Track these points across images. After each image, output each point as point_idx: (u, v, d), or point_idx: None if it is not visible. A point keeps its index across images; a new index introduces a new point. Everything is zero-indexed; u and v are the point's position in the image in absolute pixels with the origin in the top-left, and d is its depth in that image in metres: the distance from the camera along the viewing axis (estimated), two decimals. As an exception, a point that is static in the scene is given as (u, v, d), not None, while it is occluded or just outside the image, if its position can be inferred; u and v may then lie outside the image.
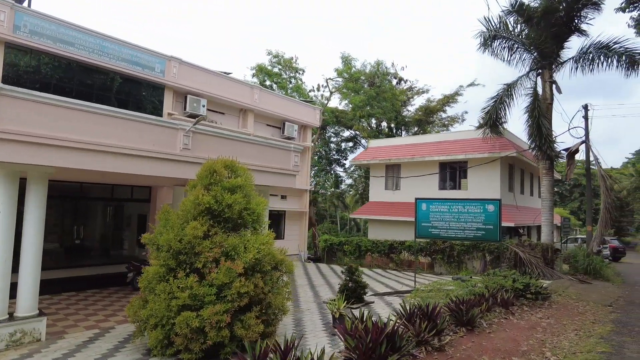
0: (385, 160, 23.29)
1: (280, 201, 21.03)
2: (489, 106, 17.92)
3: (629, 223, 55.63)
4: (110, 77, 14.34)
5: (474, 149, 20.05)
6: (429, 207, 12.56)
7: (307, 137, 22.28)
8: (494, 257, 17.32)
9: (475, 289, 8.18)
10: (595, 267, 15.82)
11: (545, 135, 15.77)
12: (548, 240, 16.45)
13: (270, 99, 20.06)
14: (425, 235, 12.69)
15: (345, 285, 11.50)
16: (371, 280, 15.93)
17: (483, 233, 11.83)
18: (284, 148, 12.09)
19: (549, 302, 9.73)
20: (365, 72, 29.15)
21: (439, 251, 18.95)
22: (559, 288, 12.54)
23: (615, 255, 30.10)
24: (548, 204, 16.57)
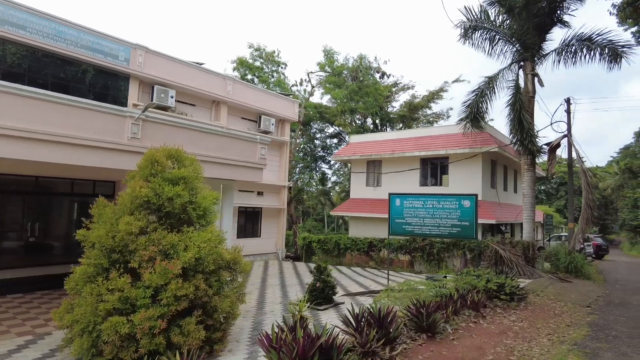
0: (366, 156, 22.67)
1: (257, 198, 20.30)
2: (470, 100, 17.37)
3: (613, 221, 55.86)
4: (69, 64, 13.48)
5: (455, 144, 19.51)
6: (402, 202, 11.94)
7: (285, 132, 21.57)
8: (475, 255, 16.80)
9: (443, 290, 7.56)
10: (577, 265, 15.36)
11: (527, 129, 15.25)
12: (529, 237, 15.96)
13: (245, 91, 19.31)
14: (399, 232, 12.08)
15: (313, 285, 10.86)
16: (347, 279, 15.33)
17: (459, 230, 11.24)
18: (249, 139, 11.36)
19: (525, 303, 9.17)
20: (348, 66, 28.48)
21: (418, 249, 18.39)
22: (538, 287, 12.02)
23: (599, 252, 29.88)
24: (530, 200, 16.07)
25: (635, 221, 38.24)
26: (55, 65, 13.22)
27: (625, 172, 42.76)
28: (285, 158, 21.48)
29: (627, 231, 43.96)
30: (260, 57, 32.56)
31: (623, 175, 43.85)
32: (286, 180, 21.44)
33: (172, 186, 6.77)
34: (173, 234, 6.53)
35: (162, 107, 16.03)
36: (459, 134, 19.41)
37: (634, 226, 39.63)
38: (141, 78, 15.51)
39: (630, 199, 40.71)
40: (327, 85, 29.34)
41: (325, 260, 21.03)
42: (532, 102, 16.43)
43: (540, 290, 11.43)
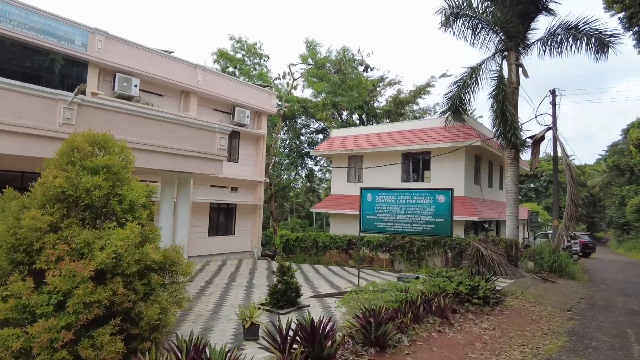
0: (347, 150, 21.84)
1: (231, 194, 19.38)
2: (452, 91, 16.60)
3: (601, 219, 55.74)
4: (18, 48, 12.46)
5: (437, 139, 18.74)
6: (374, 198, 11.12)
7: (262, 124, 20.65)
8: (456, 253, 16.04)
9: (403, 294, 6.73)
10: (561, 264, 14.67)
11: (510, 122, 14.51)
12: (512, 235, 15.24)
13: (217, 80, 18.37)
14: (370, 229, 11.26)
15: (275, 287, 10.02)
16: (320, 279, 14.50)
17: (433, 227, 10.45)
18: (206, 128, 10.45)
19: (502, 307, 8.40)
20: (331, 59, 27.59)
21: (398, 247, 17.60)
22: (518, 289, 11.28)
23: (586, 250, 29.37)
24: (513, 196, 15.34)
25: (622, 219, 37.90)
26: (3, 48, 12.19)
27: (612, 169, 42.43)
28: (262, 152, 20.57)
29: (614, 229, 43.71)
30: (242, 49, 31.56)
31: (610, 172, 43.54)
32: (263, 175, 20.53)
33: (91, 176, 5.86)
34: (88, 231, 5.62)
35: (126, 97, 15.06)
36: (441, 128, 18.65)
37: (621, 224, 39.32)
38: (101, 65, 14.52)
39: (617, 196, 40.42)
40: (310, 79, 28.42)
41: (303, 259, 20.23)
42: (516, 94, 15.70)
43: (521, 291, 10.68)
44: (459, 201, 18.23)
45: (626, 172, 40.48)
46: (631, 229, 37.58)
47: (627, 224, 37.83)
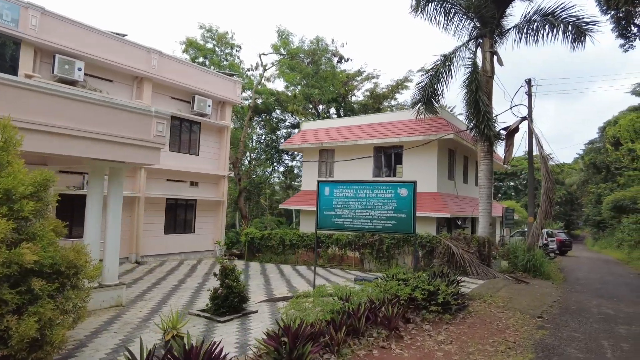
0: (317, 144, 20.75)
1: (190, 189, 18.10)
2: (424, 81, 15.66)
3: (578, 217, 56.00)
4: None
5: (409, 132, 17.80)
6: (332, 191, 10.05)
7: (225, 115, 19.39)
8: (427, 251, 15.12)
9: (338, 303, 5.67)
10: (536, 263, 13.88)
11: (484, 112, 13.63)
12: (486, 233, 14.40)
13: (174, 66, 17.05)
14: (328, 226, 10.19)
15: (215, 292, 8.90)
16: (281, 280, 13.41)
17: (394, 223, 9.44)
18: (140, 111, 9.20)
19: (466, 313, 7.44)
20: (304, 49, 26.42)
21: (367, 245, 16.61)
22: (488, 291, 10.37)
23: (562, 248, 28.97)
24: (486, 191, 14.49)
25: (599, 216, 37.79)
26: None
27: (589, 167, 42.42)
28: (226, 145, 19.32)
29: (590, 226, 43.73)
30: (212, 39, 30.17)
31: (588, 170, 43.53)
32: (226, 169, 19.29)
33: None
34: None
35: (68, 81, 13.69)
36: (414, 121, 17.74)
37: (597, 221, 39.24)
38: (38, 45, 13.10)
39: (594, 194, 40.36)
40: (283, 69, 27.20)
41: (270, 258, 19.09)
42: (491, 83, 14.84)
43: (490, 294, 9.77)
44: (430, 197, 17.35)
45: (602, 169, 40.45)
46: (606, 226, 37.51)
47: (602, 221, 37.75)
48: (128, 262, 15.66)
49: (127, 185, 15.66)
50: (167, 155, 17.08)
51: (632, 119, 37.77)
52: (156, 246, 16.80)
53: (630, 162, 36.14)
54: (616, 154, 38.18)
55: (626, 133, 37.71)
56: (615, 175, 38.35)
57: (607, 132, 40.15)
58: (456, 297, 7.35)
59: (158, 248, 16.86)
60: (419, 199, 17.88)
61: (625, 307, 9.44)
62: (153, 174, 16.43)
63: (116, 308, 9.15)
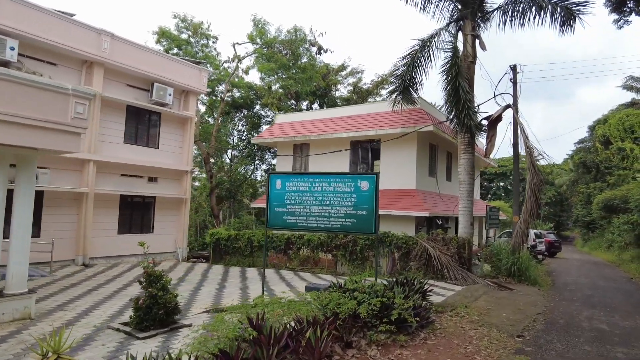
0: (291, 137, 19.34)
1: (148, 185, 16.60)
2: (400, 68, 14.33)
3: (568, 217, 55.19)
4: None
5: (386, 124, 16.48)
6: (284, 185, 8.66)
7: (189, 106, 17.91)
8: (403, 253, 13.79)
9: (239, 325, 4.29)
10: (521, 267, 12.59)
11: (464, 100, 12.31)
12: (466, 233, 13.09)
13: (130, 51, 15.54)
14: (279, 225, 8.80)
15: (137, 302, 7.47)
16: (237, 286, 11.98)
17: (354, 222, 8.08)
18: (52, 89, 7.72)
19: (429, 331, 6.08)
20: (281, 40, 24.98)
21: (340, 246, 15.23)
22: (465, 300, 9.03)
23: (551, 250, 27.85)
24: (467, 188, 13.18)
25: (588, 217, 36.83)
26: None
27: (579, 166, 41.50)
28: (189, 138, 17.84)
29: (580, 227, 42.83)
30: (187, 29, 28.64)
31: (577, 170, 42.62)
32: (190, 164, 17.80)
33: None
34: None
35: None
36: (391, 113, 16.43)
37: (586, 222, 38.30)
38: (-40, 19, 11.56)
39: (583, 194, 39.43)
40: (258, 61, 25.72)
41: (237, 260, 17.64)
42: (472, 69, 13.55)
43: (466, 304, 8.44)
44: (408, 194, 16.05)
45: (592, 169, 39.55)
46: (596, 227, 36.58)
47: (592, 222, 36.82)
48: (74, 265, 14.14)
49: (72, 180, 14.17)
50: (121, 147, 15.62)
51: (622, 117, 36.89)
52: (108, 247, 15.29)
53: (620, 161, 35.27)
54: (606, 153, 37.30)
55: (616, 132, 36.82)
56: (605, 175, 37.46)
57: (597, 131, 39.23)
58: (418, 312, 5.99)
59: (110, 249, 15.34)
60: (396, 196, 16.59)
61: (620, 319, 8.16)
62: (104, 168, 14.92)
63: (20, 322, 7.67)
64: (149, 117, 16.70)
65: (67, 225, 14.16)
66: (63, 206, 14.01)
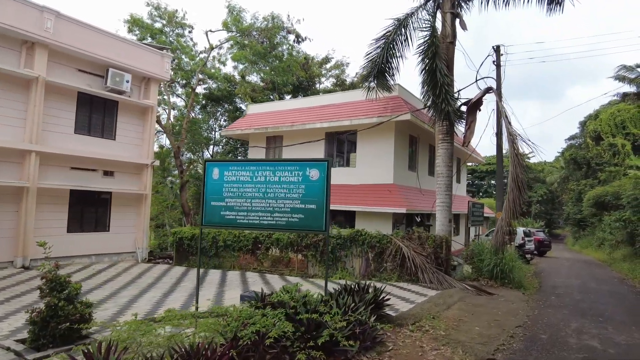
0: (263, 129, 18.03)
1: (103, 179, 15.22)
2: (374, 51, 13.07)
3: (559, 215, 54.35)
4: None
5: (362, 113, 15.24)
6: (223, 174, 7.37)
7: (150, 94, 16.54)
8: (377, 253, 12.57)
9: None
10: (504, 269, 11.40)
11: (442, 84, 11.08)
12: (444, 231, 11.87)
13: (80, 32, 14.15)
14: (216, 222, 7.50)
15: (31, 314, 6.18)
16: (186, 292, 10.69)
17: (301, 217, 6.82)
18: None
19: (375, 354, 4.83)
20: (258, 27, 23.59)
21: (310, 246, 13.99)
22: (434, 309, 7.80)
23: (541, 248, 26.75)
24: (445, 181, 11.96)
25: (579, 214, 35.90)
26: None
27: (570, 163, 40.61)
28: (150, 128, 16.47)
29: (571, 225, 41.93)
30: (161, 18, 27.16)
31: (568, 167, 41.74)
32: (150, 157, 16.42)
33: None
34: None
35: None
36: (368, 102, 15.25)
37: (577, 220, 37.38)
38: None
39: (574, 192, 38.53)
40: (233, 49, 24.30)
41: (203, 262, 16.32)
42: (452, 51, 12.33)
43: (434, 314, 7.21)
44: (385, 189, 14.83)
45: (583, 165, 38.68)
46: (587, 225, 35.67)
47: (583, 219, 35.91)
48: (12, 267, 12.75)
49: (11, 173, 12.76)
50: (71, 138, 14.24)
51: (613, 112, 36.04)
52: (56, 247, 13.61)
53: (611, 157, 34.40)
54: (597, 149, 36.42)
55: (607, 127, 35.96)
56: (596, 171, 36.56)
57: (588, 127, 38.36)
58: (364, 329, 4.74)
59: (58, 249, 13.79)
60: (373, 191, 15.36)
61: (615, 332, 6.94)
62: (51, 160, 13.54)
63: None
64: (105, 105, 15.31)
65: (6, 224, 12.77)
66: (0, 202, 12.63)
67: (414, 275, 11.07)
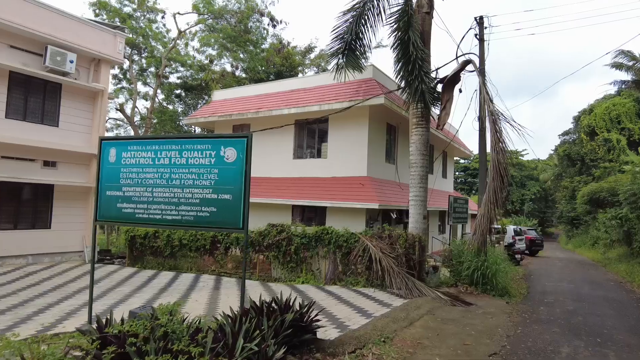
0: (227, 116, 16.43)
1: (44, 170, 13.58)
2: (342, 25, 11.48)
3: (552, 214, 53.06)
4: None
5: (332, 97, 13.68)
6: (120, 156, 5.79)
7: (100, 77, 14.86)
8: (344, 254, 11.04)
9: None
10: (486, 272, 9.88)
11: (415, 58, 9.52)
12: (417, 229, 10.33)
13: (11, 2, 12.45)
14: (112, 217, 5.93)
15: None
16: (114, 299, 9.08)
17: (213, 211, 5.26)
18: None
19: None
20: (231, 10, 21.93)
21: (272, 245, 12.43)
22: (391, 326, 6.26)
23: (533, 248, 25.35)
24: (419, 172, 10.41)
25: (573, 212, 34.57)
26: None
27: (563, 159, 39.27)
28: (101, 115, 14.81)
29: (564, 224, 40.61)
30: (131, 2, 25.45)
31: (562, 163, 40.39)
32: (99, 146, 14.73)
33: None
34: None
35: None
36: (340, 85, 13.72)
37: (570, 218, 36.05)
38: None
39: (568, 189, 37.17)
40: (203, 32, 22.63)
41: (158, 263, 14.76)
42: (428, 23, 10.77)
43: (387, 335, 5.67)
44: (357, 182, 13.28)
45: (577, 161, 37.35)
46: (581, 223, 34.36)
47: (576, 218, 34.58)
48: None
49: None
50: (1, 123, 12.58)
51: (608, 106, 34.64)
52: None
53: (605, 153, 33.06)
54: (591, 145, 35.06)
55: (602, 122, 34.54)
56: (590, 168, 35.22)
57: (582, 122, 36.97)
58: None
59: (-14, 249, 12.34)
60: (344, 185, 13.79)
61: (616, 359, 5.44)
62: (-25, 148, 11.91)
63: None
64: (45, 88, 13.64)
65: None
66: None
67: (381, 280, 9.54)
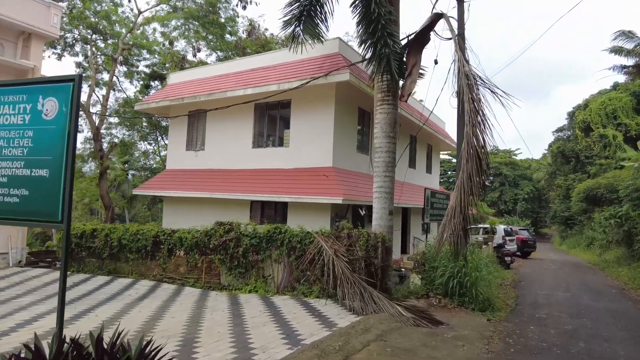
0: (179, 99, 14.56)
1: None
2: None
3: (546, 214, 51.53)
4: None
5: (292, 75, 11.84)
6: None
7: (30, 53, 12.94)
8: (297, 256, 9.20)
9: None
10: (464, 281, 8.08)
11: (378, 15, 7.68)
12: (381, 227, 8.50)
13: None
14: None
15: None
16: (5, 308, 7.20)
17: (24, 196, 3.39)
18: None
19: None
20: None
21: (219, 248, 10.57)
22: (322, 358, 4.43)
23: (525, 249, 23.63)
24: (384, 158, 8.58)
25: (567, 212, 32.96)
26: None
27: (557, 156, 37.73)
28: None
29: (558, 224, 39.03)
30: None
31: (556, 160, 38.86)
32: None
33: None
34: None
35: None
36: (301, 61, 11.93)
37: (565, 218, 34.45)
38: None
39: (562, 188, 35.62)
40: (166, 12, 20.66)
41: (97, 266, 12.87)
42: (397, -20, 8.96)
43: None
44: (320, 172, 11.45)
45: (571, 159, 35.81)
46: (575, 223, 32.76)
47: (571, 217, 32.99)
48: None
49: None
50: None
51: (604, 101, 33.08)
52: None
53: (601, 149, 31.47)
54: (586, 141, 33.52)
55: (597, 117, 32.96)
56: (585, 165, 33.69)
57: (577, 117, 35.43)
58: None
59: None
60: (306, 176, 11.90)
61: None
62: None
63: None
64: (-41, 63, 11.73)
65: None
66: None
67: (334, 290, 7.72)
